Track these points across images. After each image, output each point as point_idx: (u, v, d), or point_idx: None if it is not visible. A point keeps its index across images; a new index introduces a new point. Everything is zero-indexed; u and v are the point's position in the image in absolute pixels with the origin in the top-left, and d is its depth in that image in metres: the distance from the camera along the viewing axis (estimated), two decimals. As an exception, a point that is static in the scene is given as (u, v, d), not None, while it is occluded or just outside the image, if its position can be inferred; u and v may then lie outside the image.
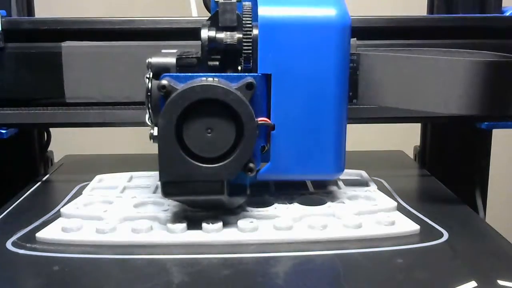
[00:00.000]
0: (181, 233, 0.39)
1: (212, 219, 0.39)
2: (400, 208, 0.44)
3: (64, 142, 0.73)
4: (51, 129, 0.69)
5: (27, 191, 0.53)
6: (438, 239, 0.39)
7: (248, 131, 0.36)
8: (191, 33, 0.49)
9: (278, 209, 0.42)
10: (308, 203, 0.43)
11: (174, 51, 0.41)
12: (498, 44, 0.55)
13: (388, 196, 0.46)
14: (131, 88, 0.53)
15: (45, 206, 0.47)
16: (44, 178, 0.58)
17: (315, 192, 0.47)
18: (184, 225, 0.39)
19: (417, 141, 0.71)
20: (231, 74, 0.39)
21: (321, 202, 0.43)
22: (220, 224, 0.39)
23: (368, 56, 0.45)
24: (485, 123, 0.57)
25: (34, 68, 0.55)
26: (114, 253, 0.37)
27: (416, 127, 0.70)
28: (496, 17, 0.58)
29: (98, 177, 0.51)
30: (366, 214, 0.42)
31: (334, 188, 0.48)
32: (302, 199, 0.44)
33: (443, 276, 0.34)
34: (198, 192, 0.37)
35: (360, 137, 0.58)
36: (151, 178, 0.51)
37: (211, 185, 0.37)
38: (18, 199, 0.50)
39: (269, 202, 0.43)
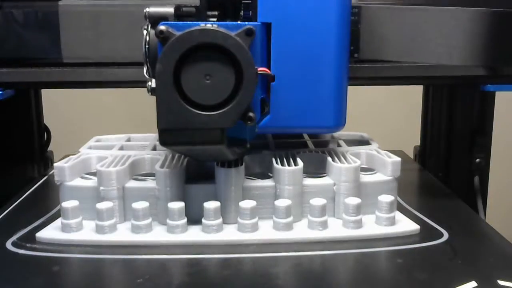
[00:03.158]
0: (181, 233, 0.39)
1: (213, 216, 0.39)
2: (400, 208, 0.44)
3: (64, 142, 0.73)
4: (50, 128, 0.69)
5: (27, 191, 0.53)
6: (438, 239, 0.39)
7: (247, 77, 0.35)
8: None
9: (277, 187, 0.41)
10: (308, 160, 0.43)
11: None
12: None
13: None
14: (129, 48, 0.52)
15: (45, 206, 0.47)
16: (44, 178, 0.58)
17: (316, 150, 0.46)
18: (184, 224, 0.39)
19: (417, 141, 0.71)
20: (230, 22, 0.38)
21: (322, 159, 0.43)
22: (220, 221, 0.39)
23: (370, 8, 0.44)
24: (489, 85, 0.55)
25: (31, 27, 0.54)
26: (114, 253, 0.37)
27: (416, 127, 0.71)
28: None
29: (95, 137, 0.51)
30: (368, 173, 0.42)
31: (335, 146, 0.48)
32: (303, 156, 0.44)
33: (443, 276, 0.34)
34: (196, 141, 0.36)
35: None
36: (150, 138, 0.51)
37: (209, 134, 0.36)
38: (18, 199, 0.50)
39: (268, 170, 0.43)
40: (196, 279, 0.34)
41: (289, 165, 0.41)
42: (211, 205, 0.39)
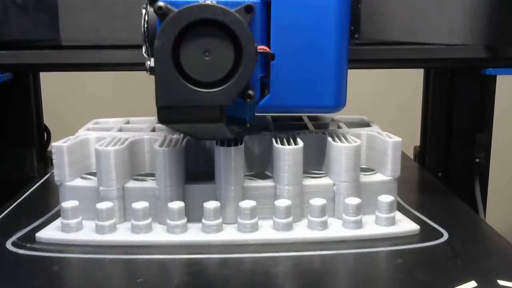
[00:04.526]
0: (181, 233, 0.39)
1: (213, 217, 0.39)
2: (400, 208, 0.44)
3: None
4: (50, 128, 0.69)
5: (27, 191, 0.53)
6: (438, 239, 0.39)
7: (246, 54, 0.34)
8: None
9: (277, 187, 0.41)
10: (309, 141, 0.43)
11: None
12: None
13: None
14: (128, 31, 0.51)
15: (45, 206, 0.47)
16: (44, 178, 0.58)
17: (316, 131, 0.46)
18: (184, 224, 0.39)
19: (417, 141, 0.71)
20: (230, 0, 0.37)
21: (322, 140, 0.44)
22: (220, 221, 0.39)
23: None
24: (490, 69, 0.54)
25: (29, 9, 0.54)
26: (113, 253, 0.37)
27: (416, 127, 0.70)
28: None
29: (94, 120, 0.51)
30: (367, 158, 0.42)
31: (335, 128, 0.48)
32: (303, 137, 0.44)
33: (443, 276, 0.34)
34: (195, 119, 0.35)
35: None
36: (149, 121, 0.51)
37: (209, 111, 0.35)
38: (18, 199, 0.50)
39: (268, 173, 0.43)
40: (196, 279, 0.34)
41: (289, 145, 0.41)
42: (211, 205, 0.39)
